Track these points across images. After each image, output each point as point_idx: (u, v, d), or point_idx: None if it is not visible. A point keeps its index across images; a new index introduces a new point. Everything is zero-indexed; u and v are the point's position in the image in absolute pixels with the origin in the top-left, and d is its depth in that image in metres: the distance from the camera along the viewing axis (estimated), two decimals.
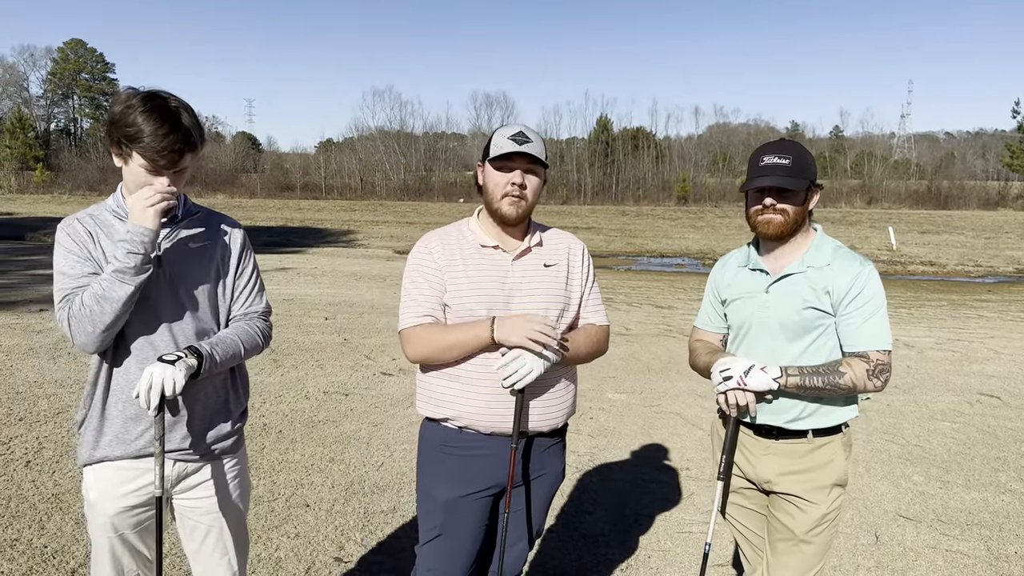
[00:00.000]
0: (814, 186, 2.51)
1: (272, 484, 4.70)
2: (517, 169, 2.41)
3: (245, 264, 2.44)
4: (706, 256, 23.79)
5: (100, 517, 2.30)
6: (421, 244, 2.54)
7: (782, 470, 2.53)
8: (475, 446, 2.46)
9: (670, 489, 4.83)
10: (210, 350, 2.23)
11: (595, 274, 2.69)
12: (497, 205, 2.43)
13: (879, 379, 2.39)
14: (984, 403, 7.02)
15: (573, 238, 2.67)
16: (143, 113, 2.09)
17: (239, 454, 2.50)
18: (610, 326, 2.70)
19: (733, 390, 2.43)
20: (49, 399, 6.20)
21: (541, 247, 2.56)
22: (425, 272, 2.47)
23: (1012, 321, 11.74)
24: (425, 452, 2.56)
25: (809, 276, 2.46)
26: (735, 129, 77.16)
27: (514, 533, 2.59)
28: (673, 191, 64.00)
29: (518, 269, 2.48)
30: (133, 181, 2.18)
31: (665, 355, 8.80)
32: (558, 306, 2.50)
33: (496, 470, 2.46)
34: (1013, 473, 5.23)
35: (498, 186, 2.42)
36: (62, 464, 4.85)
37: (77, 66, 74.81)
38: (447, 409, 2.45)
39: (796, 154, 2.44)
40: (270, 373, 7.33)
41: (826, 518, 2.50)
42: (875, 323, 2.40)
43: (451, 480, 2.48)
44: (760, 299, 2.53)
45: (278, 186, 65.17)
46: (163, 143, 2.09)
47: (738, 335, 2.62)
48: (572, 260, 2.59)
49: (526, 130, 2.45)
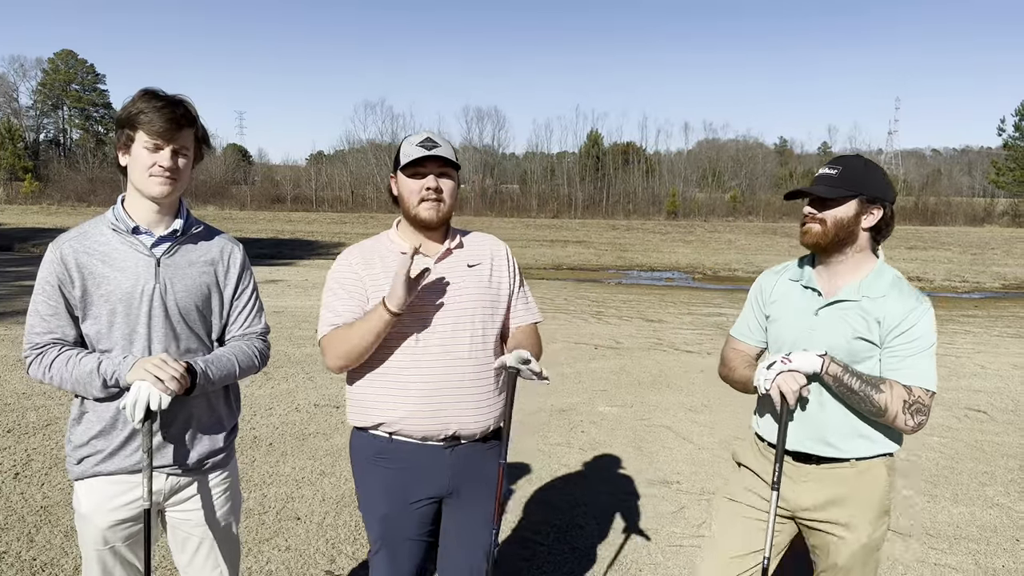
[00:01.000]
0: (872, 202, 2.34)
1: (263, 497, 4.69)
2: (430, 174, 2.43)
3: (245, 284, 2.46)
4: (695, 270, 23.88)
5: (91, 530, 2.30)
6: (341, 257, 2.55)
7: (822, 497, 2.42)
8: (408, 456, 2.44)
9: (661, 502, 4.85)
10: (204, 367, 2.25)
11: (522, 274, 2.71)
12: (415, 211, 2.44)
13: (913, 418, 2.25)
14: (972, 418, 7.07)
15: (495, 240, 2.69)
16: (142, 96, 2.20)
17: (230, 467, 2.51)
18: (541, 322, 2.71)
19: (782, 373, 2.29)
20: (38, 411, 6.16)
21: (462, 248, 2.57)
22: (344, 283, 2.48)
23: (999, 337, 11.83)
24: (358, 464, 2.54)
25: (863, 306, 2.34)
26: (724, 145, 77.51)
27: (462, 550, 2.52)
28: (663, 205, 64.19)
29: (441, 271, 2.48)
30: (136, 169, 2.21)
31: (655, 369, 8.82)
32: (485, 304, 2.50)
33: (432, 480, 2.45)
34: (1000, 487, 5.27)
35: (413, 192, 2.44)
36: (51, 476, 4.82)
37: (67, 77, 74.52)
38: (376, 415, 2.43)
39: (848, 166, 2.35)
40: (260, 386, 7.31)
41: (868, 548, 2.40)
42: (923, 360, 2.28)
43: (387, 494, 2.47)
44: (808, 321, 2.41)
45: (269, 198, 64.99)
46: (161, 112, 2.16)
47: (779, 351, 2.48)
48: (496, 261, 2.60)
49: (433, 136, 2.47)
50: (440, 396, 2.39)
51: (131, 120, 2.18)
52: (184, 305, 2.29)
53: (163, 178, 2.20)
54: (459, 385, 2.41)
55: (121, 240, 2.25)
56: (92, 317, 2.23)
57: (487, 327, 2.50)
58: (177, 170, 2.23)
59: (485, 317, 2.49)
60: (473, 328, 2.46)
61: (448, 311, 2.44)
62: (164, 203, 2.27)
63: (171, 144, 2.20)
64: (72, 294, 2.21)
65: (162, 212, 2.29)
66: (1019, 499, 5.06)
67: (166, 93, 2.24)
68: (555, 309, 13.58)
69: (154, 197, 2.23)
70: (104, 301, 2.21)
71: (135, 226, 2.25)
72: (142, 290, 2.23)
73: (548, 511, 4.65)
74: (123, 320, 2.22)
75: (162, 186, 2.21)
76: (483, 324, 2.48)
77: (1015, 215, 58.24)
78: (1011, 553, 4.26)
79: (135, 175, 2.22)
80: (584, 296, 16.08)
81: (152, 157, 2.19)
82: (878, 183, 2.36)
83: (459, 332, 2.43)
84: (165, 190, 2.21)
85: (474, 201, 66.64)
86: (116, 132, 2.24)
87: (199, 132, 2.30)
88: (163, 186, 2.21)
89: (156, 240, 2.28)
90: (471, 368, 2.44)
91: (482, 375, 2.45)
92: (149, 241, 2.27)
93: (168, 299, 2.26)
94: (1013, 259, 29.19)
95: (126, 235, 2.25)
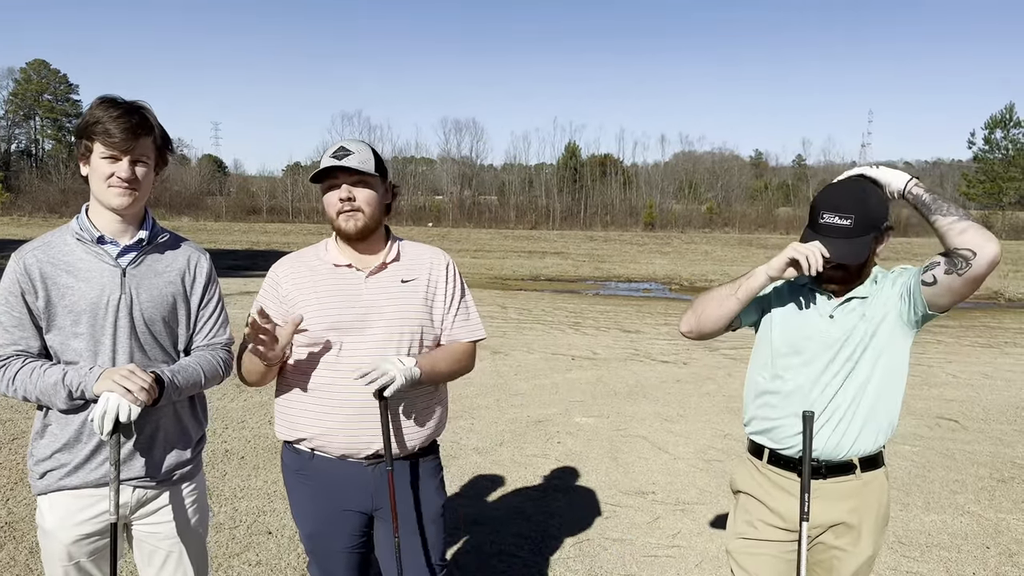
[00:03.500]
0: (883, 233, 2.29)
1: (234, 511, 4.62)
2: (343, 184, 2.36)
3: (211, 295, 2.43)
4: (672, 281, 24.01)
5: (56, 546, 2.26)
6: (271, 272, 2.49)
7: (830, 512, 2.37)
8: (328, 473, 2.41)
9: (636, 513, 4.84)
10: (171, 376, 2.22)
11: (465, 288, 2.59)
12: (336, 223, 2.38)
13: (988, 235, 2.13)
14: (943, 426, 7.15)
15: (437, 252, 2.57)
16: (99, 104, 2.17)
17: (198, 479, 2.48)
18: (483, 339, 2.61)
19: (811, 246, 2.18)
20: (4, 425, 6.04)
21: (399, 262, 2.48)
22: (264, 298, 2.45)
23: (970, 347, 12.00)
24: (288, 478, 2.52)
25: (871, 299, 2.33)
26: (700, 157, 78.34)
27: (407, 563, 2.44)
28: (640, 217, 64.67)
29: (373, 286, 2.40)
30: (96, 180, 2.18)
31: (632, 379, 8.84)
32: (415, 323, 2.41)
33: (353, 496, 2.41)
34: (971, 495, 5.33)
35: (331, 204, 2.38)
36: (16, 492, 4.72)
37: (40, 87, 73.67)
38: (300, 430, 2.40)
39: (860, 207, 2.20)
40: (232, 398, 7.23)
41: (871, 559, 2.39)
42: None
43: (311, 510, 2.45)
44: (823, 324, 2.34)
45: (244, 209, 64.64)
46: (118, 122, 2.12)
47: (793, 353, 2.38)
48: (434, 275, 2.50)
49: (349, 143, 2.39)
50: (362, 415, 2.33)
51: (88, 131, 2.14)
52: (150, 316, 2.26)
53: (122, 189, 2.16)
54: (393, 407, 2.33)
55: (86, 250, 2.22)
56: (56, 328, 2.19)
57: (416, 345, 2.41)
58: (136, 180, 2.19)
59: (415, 335, 2.41)
60: (400, 346, 2.37)
61: (376, 329, 2.36)
62: (126, 214, 2.23)
63: (129, 155, 2.16)
64: (36, 305, 2.17)
65: (126, 222, 2.25)
66: (989, 507, 5.11)
67: (124, 100, 2.19)
68: (533, 320, 13.58)
69: (114, 208, 2.19)
70: (68, 312, 2.17)
71: (100, 236, 2.22)
72: (107, 301, 2.19)
73: (523, 523, 4.63)
74: (88, 331, 2.18)
75: (121, 197, 2.17)
76: (412, 342, 2.40)
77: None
78: (981, 561, 4.30)
79: (95, 186, 2.19)
80: (562, 307, 16.10)
81: (111, 168, 2.15)
82: (883, 208, 2.27)
83: (387, 350, 2.34)
84: (125, 201, 2.18)
85: (452, 212, 66.67)
86: (75, 142, 2.21)
87: (158, 140, 2.25)
88: (122, 197, 2.17)
89: (122, 250, 2.24)
90: None
91: (409, 394, 2.37)
92: (115, 251, 2.24)
93: (134, 310, 2.23)
94: None
95: (91, 245, 2.22)
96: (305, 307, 2.36)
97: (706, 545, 4.36)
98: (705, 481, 5.45)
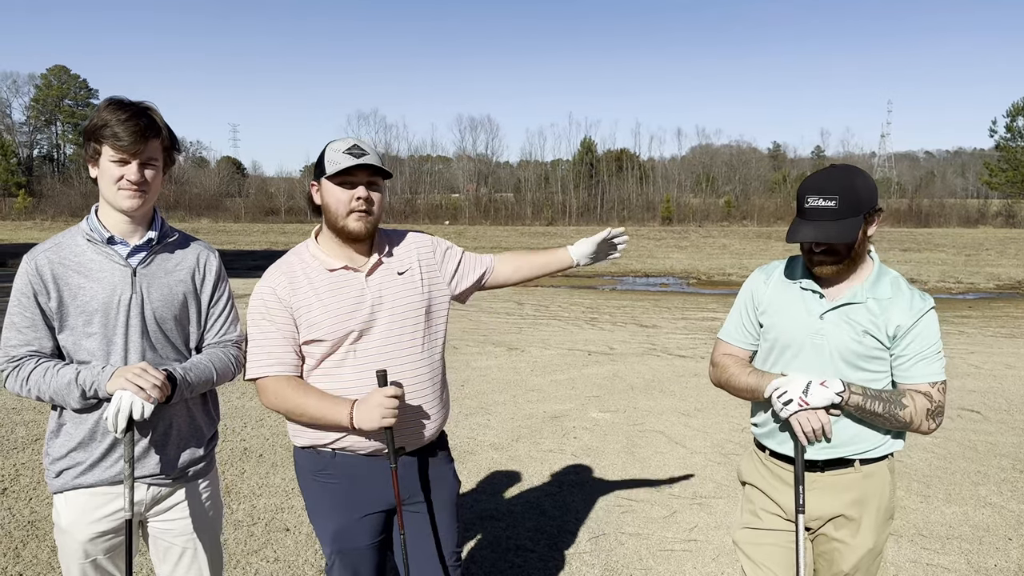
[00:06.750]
0: (871, 214, 2.26)
1: (252, 508, 4.66)
2: (360, 184, 2.31)
3: (221, 292, 2.45)
4: (690, 275, 23.91)
5: (72, 543, 2.29)
6: (263, 282, 2.39)
7: (829, 505, 2.37)
8: (353, 471, 2.40)
9: (653, 507, 4.83)
10: (184, 374, 2.24)
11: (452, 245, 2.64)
12: (343, 223, 2.32)
13: (935, 421, 2.25)
14: (965, 418, 7.07)
15: (418, 236, 2.57)
16: (107, 106, 2.18)
17: (211, 475, 2.50)
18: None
19: (799, 413, 2.22)
20: (27, 426, 6.13)
21: (391, 256, 2.47)
22: (270, 315, 2.35)
23: (992, 337, 11.85)
24: (305, 481, 2.50)
25: (869, 306, 2.28)
26: (718, 150, 77.86)
27: (421, 557, 2.47)
28: (657, 211, 64.39)
29: (374, 285, 2.39)
30: (105, 183, 2.20)
31: (649, 374, 8.81)
32: (421, 311, 2.43)
33: (379, 492, 2.41)
34: (993, 487, 5.26)
35: (341, 203, 2.31)
36: (39, 491, 4.79)
37: (60, 92, 74.59)
38: (326, 435, 2.38)
39: (844, 188, 2.19)
40: (251, 397, 7.28)
41: (874, 552, 2.37)
42: (932, 360, 2.27)
43: (335, 508, 2.43)
44: (814, 325, 2.33)
45: (263, 210, 65.07)
46: (127, 125, 2.14)
47: (783, 354, 2.40)
48: (422, 257, 2.51)
49: (360, 143, 2.34)
50: None
51: (97, 133, 2.16)
52: (161, 315, 2.28)
53: (132, 191, 2.19)
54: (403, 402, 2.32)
55: (96, 250, 2.24)
56: (68, 328, 2.21)
57: (427, 334, 2.44)
58: (146, 182, 2.21)
59: (423, 324, 2.43)
60: (413, 339, 2.40)
61: (386, 327, 2.36)
62: (135, 215, 2.25)
63: (138, 158, 2.18)
64: (48, 305, 2.20)
65: (135, 222, 2.28)
66: (1012, 498, 5.05)
67: (131, 102, 2.21)
68: (549, 316, 13.58)
69: (124, 210, 2.22)
70: (80, 312, 2.20)
71: (110, 236, 2.24)
72: (119, 300, 2.22)
73: (540, 517, 4.63)
74: (100, 331, 2.21)
75: (131, 199, 2.20)
76: (423, 332, 2.43)
77: (1009, 216, 58.50)
78: (1003, 552, 4.25)
79: (104, 188, 2.21)
80: (578, 303, 16.08)
81: (120, 171, 2.17)
82: (870, 190, 2.25)
83: (401, 346, 2.37)
84: (135, 203, 2.20)
85: (468, 210, 66.68)
86: (84, 144, 2.23)
87: (166, 141, 2.27)
88: (132, 199, 2.20)
89: (131, 250, 2.27)
90: (413, 381, 2.39)
91: (425, 386, 2.39)
92: (125, 251, 2.26)
93: (146, 309, 2.25)
94: (1007, 260, 29.30)
95: (101, 245, 2.24)
96: (309, 316, 2.34)
97: (723, 539, 4.34)
98: (722, 475, 5.42)
